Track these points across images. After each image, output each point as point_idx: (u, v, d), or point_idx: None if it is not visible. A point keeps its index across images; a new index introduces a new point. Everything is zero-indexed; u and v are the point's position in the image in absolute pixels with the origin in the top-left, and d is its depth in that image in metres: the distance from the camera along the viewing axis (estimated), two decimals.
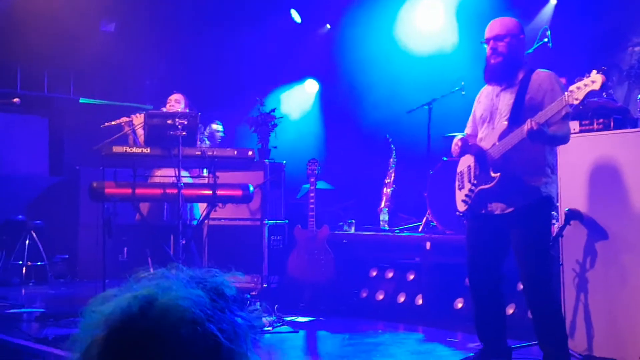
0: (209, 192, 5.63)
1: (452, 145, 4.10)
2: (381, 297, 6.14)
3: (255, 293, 6.44)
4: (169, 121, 5.35)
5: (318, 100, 9.46)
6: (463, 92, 5.99)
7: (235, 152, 5.74)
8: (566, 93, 3.55)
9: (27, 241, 8.11)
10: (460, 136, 4.12)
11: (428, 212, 6.24)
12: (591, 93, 3.53)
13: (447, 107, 6.28)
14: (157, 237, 5.91)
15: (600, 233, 4.23)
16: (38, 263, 8.16)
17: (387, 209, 6.80)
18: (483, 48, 4.01)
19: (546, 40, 5.05)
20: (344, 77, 8.58)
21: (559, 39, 5.34)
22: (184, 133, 5.32)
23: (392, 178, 6.92)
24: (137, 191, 5.49)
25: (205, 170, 6.06)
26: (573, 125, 4.23)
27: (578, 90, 3.50)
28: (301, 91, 9.51)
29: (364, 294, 6.28)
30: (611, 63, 6.09)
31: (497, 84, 3.98)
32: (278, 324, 5.44)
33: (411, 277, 6.08)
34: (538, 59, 4.98)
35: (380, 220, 6.77)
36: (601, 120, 4.28)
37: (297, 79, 9.45)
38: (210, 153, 5.57)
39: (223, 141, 6.97)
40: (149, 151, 5.46)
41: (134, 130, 6.10)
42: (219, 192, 5.61)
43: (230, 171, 6.16)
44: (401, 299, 6.01)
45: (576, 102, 3.52)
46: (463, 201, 4.06)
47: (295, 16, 9.15)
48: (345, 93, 8.60)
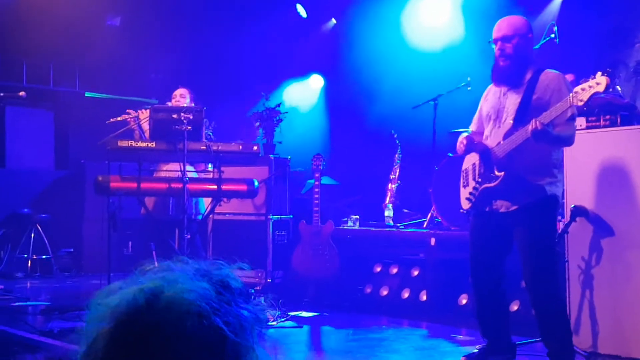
0: (214, 187, 5.63)
1: (457, 143, 4.09)
2: (385, 293, 6.14)
3: (259, 288, 6.45)
4: (175, 115, 5.35)
5: (323, 95, 9.45)
6: (469, 88, 5.97)
7: (240, 147, 5.73)
8: (571, 94, 3.55)
9: (33, 235, 8.13)
10: (465, 134, 4.10)
11: (433, 208, 6.24)
12: (595, 95, 3.53)
13: (453, 103, 6.26)
14: (162, 232, 5.92)
15: (606, 230, 4.22)
16: (43, 256, 8.18)
17: (392, 205, 6.80)
18: (490, 44, 3.99)
19: (553, 36, 5.04)
20: (350, 73, 8.56)
21: (566, 35, 5.32)
22: (189, 127, 5.32)
23: (397, 174, 6.91)
24: (142, 185, 5.49)
25: (210, 165, 6.06)
26: (580, 121, 4.21)
27: (583, 91, 3.50)
28: (306, 86, 9.50)
29: (368, 290, 6.28)
30: (618, 59, 6.07)
31: (505, 86, 3.96)
32: (282, 319, 5.44)
33: (415, 273, 6.07)
34: (545, 55, 4.97)
35: (384, 216, 6.77)
36: (608, 116, 4.26)
37: (303, 74, 9.44)
38: (215, 148, 5.57)
39: (228, 136, 6.96)
40: (154, 145, 5.46)
41: (140, 125, 6.10)
42: (224, 187, 5.61)
43: (235, 166, 6.17)
44: (405, 295, 6.01)
45: (580, 104, 3.53)
46: (467, 199, 4.05)
47: (301, 11, 9.13)
48: (350, 88, 8.58)
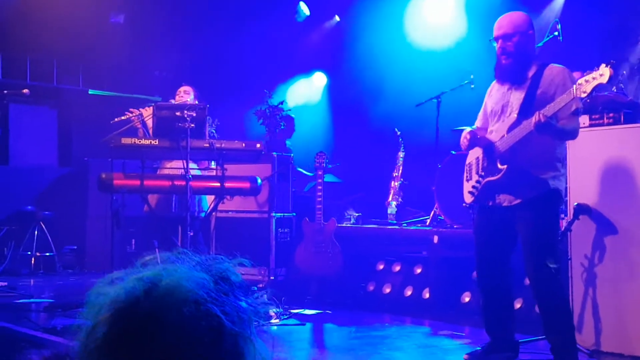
0: (217, 185, 5.64)
1: (461, 138, 4.08)
2: (388, 291, 6.14)
3: (262, 285, 6.45)
4: (178, 113, 5.36)
5: (326, 93, 9.45)
6: (472, 86, 5.96)
7: (243, 145, 5.74)
8: (574, 86, 3.52)
9: (36, 232, 8.15)
10: (469, 129, 4.10)
11: (436, 206, 6.23)
12: (599, 86, 3.50)
13: (456, 101, 6.25)
14: (165, 229, 5.92)
15: (609, 228, 4.22)
16: (47, 254, 8.20)
17: (395, 203, 6.80)
18: (491, 42, 3.98)
19: (556, 33, 5.02)
20: (353, 70, 8.56)
21: (569, 32, 5.31)
22: (192, 125, 5.32)
23: (400, 171, 6.91)
24: (146, 183, 5.50)
25: (213, 162, 6.06)
26: (583, 119, 4.20)
27: (586, 83, 3.47)
28: (309, 84, 9.50)
29: (371, 287, 6.28)
30: (621, 57, 6.05)
31: (508, 83, 3.96)
32: (285, 317, 5.44)
33: (418, 271, 6.07)
34: (548, 53, 4.96)
35: (387, 213, 6.77)
36: (611, 114, 4.25)
37: (306, 72, 9.44)
38: (218, 145, 5.57)
39: (231, 133, 6.97)
40: (157, 143, 5.46)
41: (144, 122, 6.10)
42: (227, 185, 5.62)
43: (238, 163, 6.17)
44: (408, 293, 6.01)
45: (584, 95, 3.49)
46: (470, 192, 4.04)
47: (304, 8, 9.13)
48: (353, 86, 8.58)
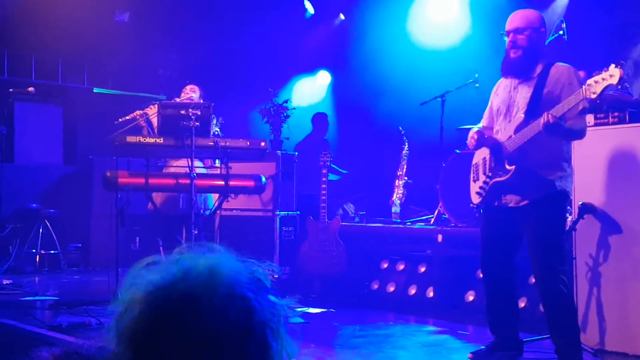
0: (222, 183, 5.65)
1: (468, 137, 4.07)
2: (392, 289, 6.14)
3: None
4: (182, 111, 5.36)
5: (330, 91, 9.45)
6: (477, 85, 5.96)
7: (247, 143, 5.74)
8: (584, 87, 3.50)
9: (41, 230, 8.16)
10: (476, 129, 4.08)
11: (440, 205, 6.23)
12: (609, 87, 3.49)
13: (460, 100, 6.25)
14: (170, 227, 5.93)
15: (614, 227, 4.21)
16: (51, 251, 8.22)
17: (399, 201, 6.80)
18: (497, 39, 3.99)
19: (562, 32, 5.01)
20: (357, 69, 8.56)
21: (574, 31, 5.30)
22: (197, 123, 5.33)
23: (405, 170, 6.91)
24: (150, 181, 5.51)
25: (217, 160, 6.07)
26: (588, 118, 4.19)
27: (596, 84, 3.45)
28: (314, 82, 9.50)
29: (375, 286, 6.28)
30: (626, 56, 6.04)
31: (515, 78, 3.94)
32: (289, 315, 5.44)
33: (422, 270, 6.07)
34: (553, 52, 4.94)
35: (392, 212, 6.77)
36: (616, 113, 4.24)
37: (310, 70, 9.44)
38: (223, 144, 5.58)
39: (236, 132, 6.97)
40: (162, 141, 5.47)
41: (149, 121, 6.11)
42: (232, 183, 5.63)
43: (242, 162, 6.18)
44: (412, 291, 6.01)
45: (594, 96, 3.48)
46: (477, 193, 4.04)
47: (308, 7, 9.13)
48: (357, 85, 8.58)
